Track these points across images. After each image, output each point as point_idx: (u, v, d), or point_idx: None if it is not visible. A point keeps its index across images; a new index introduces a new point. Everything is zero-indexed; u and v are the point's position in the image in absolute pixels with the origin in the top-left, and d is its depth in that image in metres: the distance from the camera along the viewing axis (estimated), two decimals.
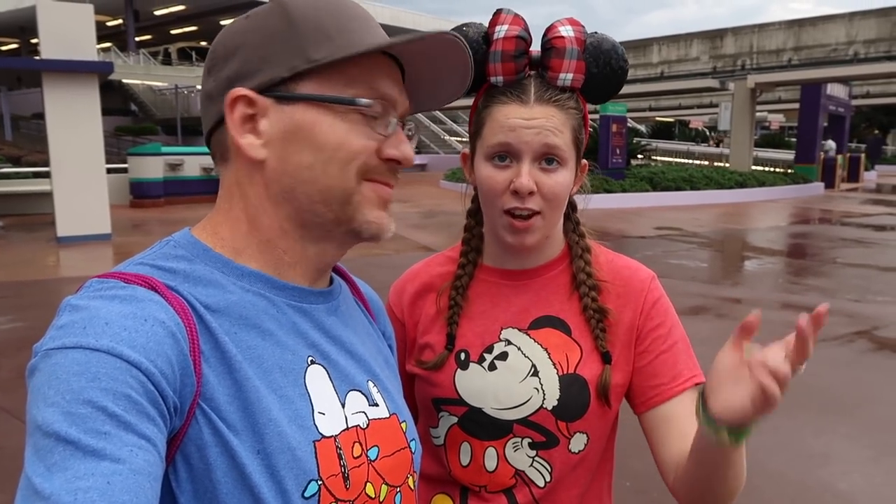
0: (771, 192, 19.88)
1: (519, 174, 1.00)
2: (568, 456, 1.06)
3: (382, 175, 0.76)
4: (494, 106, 1.02)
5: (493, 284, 1.13)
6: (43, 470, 0.53)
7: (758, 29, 24.18)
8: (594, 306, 1.07)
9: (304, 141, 0.73)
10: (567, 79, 1.01)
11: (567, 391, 1.04)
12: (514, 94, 1.01)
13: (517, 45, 1.00)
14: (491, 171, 1.03)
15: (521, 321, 1.09)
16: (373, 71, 0.74)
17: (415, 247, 10.18)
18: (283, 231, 0.75)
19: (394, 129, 0.76)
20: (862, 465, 3.69)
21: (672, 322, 1.09)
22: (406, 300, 1.17)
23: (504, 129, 1.00)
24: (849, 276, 8.95)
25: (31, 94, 27.91)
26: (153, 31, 43.90)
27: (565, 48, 1.00)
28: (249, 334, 0.71)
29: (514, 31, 1.00)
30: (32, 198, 14.19)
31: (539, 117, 1.00)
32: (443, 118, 35.21)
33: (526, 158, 1.00)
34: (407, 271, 1.20)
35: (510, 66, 1.00)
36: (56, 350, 0.59)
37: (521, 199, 1.00)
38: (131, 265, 0.70)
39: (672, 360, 1.06)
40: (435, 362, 1.09)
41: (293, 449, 0.68)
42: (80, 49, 10.43)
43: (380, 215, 0.77)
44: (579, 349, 1.07)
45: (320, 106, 0.72)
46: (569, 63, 1.00)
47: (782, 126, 40.70)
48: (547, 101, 1.01)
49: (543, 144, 1.00)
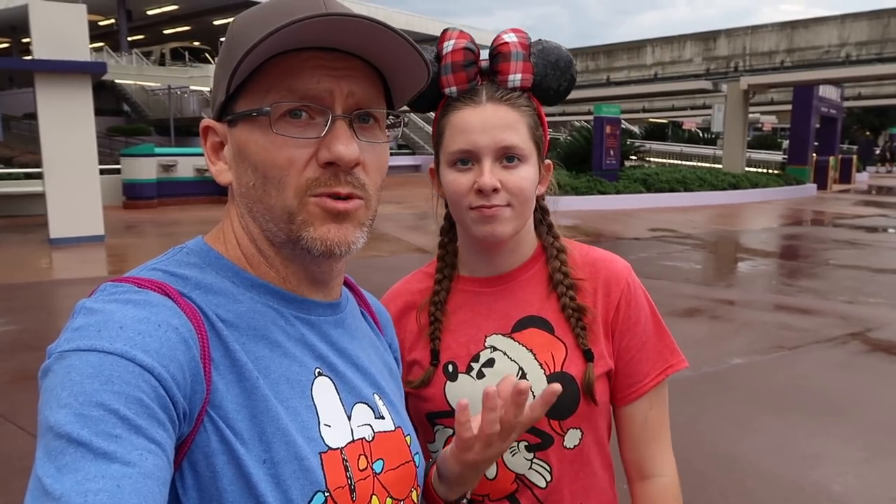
0: (764, 194, 19.97)
1: (481, 173, 1.03)
2: (564, 452, 1.07)
3: (325, 186, 0.70)
4: (451, 113, 1.07)
5: (471, 294, 1.14)
6: (53, 471, 0.53)
7: (751, 31, 24.29)
8: (573, 305, 1.09)
9: (244, 162, 0.72)
10: (516, 79, 1.05)
11: None
12: (468, 98, 1.06)
13: (465, 56, 1.05)
14: (455, 176, 1.06)
15: (504, 325, 1.11)
16: (293, 69, 0.69)
17: (409, 248, 10.18)
18: (264, 247, 0.75)
19: (328, 129, 0.70)
20: (855, 467, 3.71)
21: (645, 317, 1.12)
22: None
23: (461, 133, 1.04)
24: (841, 277, 8.99)
25: (23, 94, 27.72)
26: (146, 31, 43.73)
27: (510, 52, 1.06)
28: (258, 345, 0.71)
29: (461, 43, 1.06)
30: (24, 199, 14.11)
31: (493, 116, 1.04)
32: None
33: (486, 158, 1.03)
34: (388, 292, 1.21)
35: (461, 75, 1.05)
36: (70, 352, 0.59)
37: (487, 196, 1.02)
38: (145, 270, 0.71)
39: (639, 361, 1.11)
40: (421, 380, 1.10)
41: (300, 459, 0.68)
42: (73, 49, 10.38)
43: (328, 230, 0.71)
44: (564, 346, 1.08)
45: (251, 122, 0.71)
46: (516, 64, 1.05)
47: (775, 127, 40.91)
48: (499, 100, 1.05)
49: (501, 141, 1.03)
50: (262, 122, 0.70)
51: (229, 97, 0.72)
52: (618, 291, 1.11)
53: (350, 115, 0.71)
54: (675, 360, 1.13)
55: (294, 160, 0.69)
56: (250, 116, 0.70)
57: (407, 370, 1.14)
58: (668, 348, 1.12)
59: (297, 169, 0.69)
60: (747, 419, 4.26)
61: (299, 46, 0.69)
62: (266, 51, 0.67)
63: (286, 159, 0.69)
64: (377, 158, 0.75)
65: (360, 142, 0.72)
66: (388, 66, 0.74)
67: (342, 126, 0.70)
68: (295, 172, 0.69)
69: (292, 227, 0.71)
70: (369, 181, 0.74)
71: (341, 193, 0.71)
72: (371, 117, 0.74)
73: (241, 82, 0.70)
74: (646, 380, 1.10)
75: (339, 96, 0.70)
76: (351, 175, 0.71)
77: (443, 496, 0.91)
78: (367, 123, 0.74)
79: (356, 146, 0.70)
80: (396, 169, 27.32)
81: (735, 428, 4.16)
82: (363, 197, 0.73)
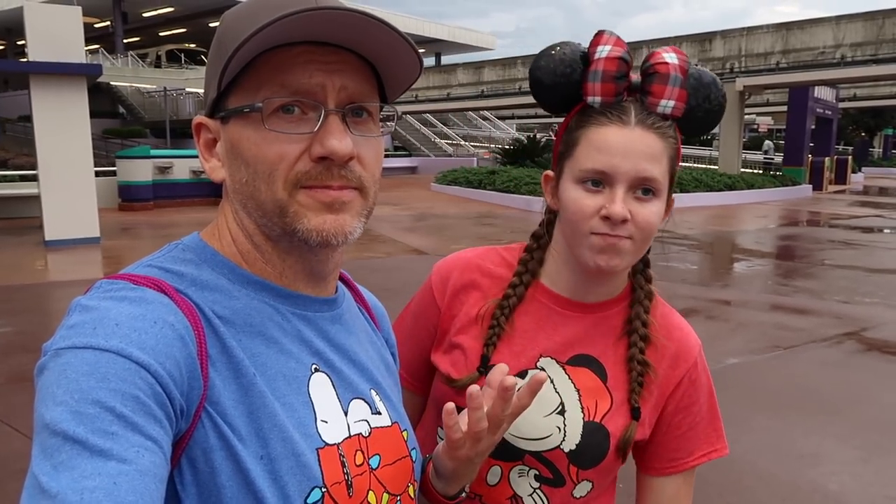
0: (760, 195, 20.00)
1: (613, 200, 0.94)
2: (570, 500, 1.04)
3: (317, 179, 0.69)
4: (591, 126, 0.97)
5: (543, 306, 1.07)
6: (49, 468, 0.53)
7: (746, 32, 24.36)
8: (639, 358, 1.03)
9: (237, 158, 0.72)
10: (668, 106, 0.96)
11: (588, 438, 1.02)
12: (615, 115, 0.96)
13: (619, 67, 0.95)
14: (581, 195, 0.97)
15: (562, 353, 1.05)
16: (284, 64, 0.69)
17: (406, 249, 10.18)
18: (260, 242, 0.75)
19: (321, 124, 0.69)
20: (852, 466, 3.72)
21: (704, 399, 1.07)
22: (450, 289, 1.11)
23: (601, 153, 0.95)
24: (837, 277, 9.02)
25: (18, 96, 27.69)
26: (141, 33, 43.70)
27: (669, 74, 0.95)
28: (254, 341, 0.70)
29: (617, 52, 0.96)
30: (20, 201, 14.06)
31: (639, 142, 0.94)
32: (433, 121, 35.21)
33: (621, 185, 0.94)
34: (458, 256, 1.14)
35: (610, 86, 0.96)
36: (66, 349, 0.59)
37: (613, 226, 0.94)
38: (140, 267, 0.70)
39: (687, 439, 1.07)
40: (464, 382, 1.04)
41: (297, 455, 0.68)
42: (69, 51, 10.35)
43: (324, 220, 0.70)
44: (610, 399, 1.03)
45: (243, 119, 0.70)
46: (671, 90, 0.95)
47: (770, 128, 41.00)
48: (649, 126, 0.95)
49: (642, 171, 0.94)
50: (254, 118, 0.69)
51: (221, 94, 0.72)
52: (685, 368, 1.05)
53: (343, 110, 0.70)
54: (720, 445, 1.09)
55: (285, 155, 0.69)
56: (242, 113, 0.70)
57: (447, 348, 1.09)
58: (716, 433, 1.09)
59: (287, 163, 0.69)
60: (744, 418, 4.27)
61: (290, 41, 0.68)
62: (257, 46, 0.66)
63: (277, 154, 0.69)
64: (372, 151, 0.74)
65: (354, 136, 0.71)
66: (380, 60, 0.73)
67: (335, 120, 0.70)
68: (285, 166, 0.69)
69: (286, 221, 0.70)
70: (366, 173, 0.73)
71: (333, 186, 0.70)
72: (364, 111, 0.73)
73: (233, 78, 0.70)
74: (689, 458, 1.07)
75: (332, 91, 0.70)
76: (345, 169, 0.70)
77: (441, 492, 0.91)
78: (361, 117, 0.73)
79: (349, 140, 0.70)
80: (393, 170, 27.28)
81: (732, 427, 4.14)
82: (358, 188, 0.72)
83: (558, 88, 1.00)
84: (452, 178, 18.94)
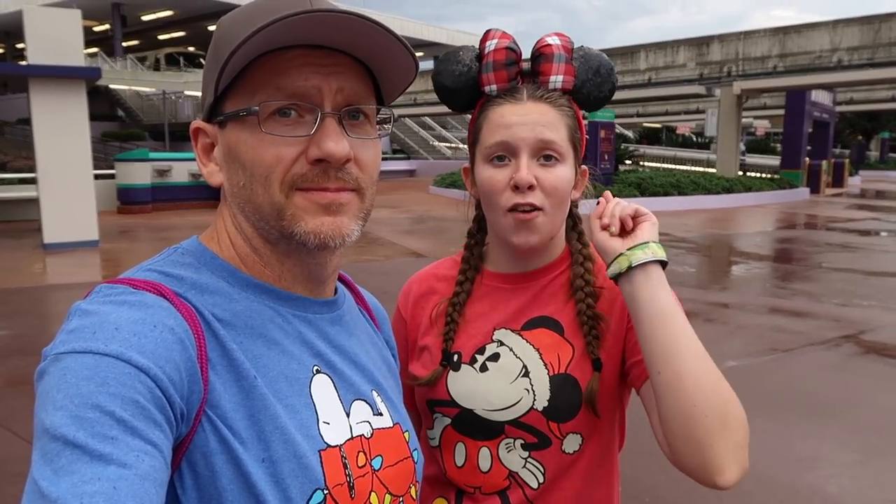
0: (758, 198, 20.04)
1: (518, 168, 1.02)
2: (561, 457, 1.06)
3: (314, 181, 0.70)
4: (489, 109, 1.06)
5: (492, 288, 1.14)
6: (49, 473, 0.53)
7: (743, 36, 24.39)
8: (589, 312, 1.07)
9: (234, 162, 0.72)
10: (557, 81, 1.05)
11: (558, 392, 1.05)
12: (508, 95, 1.06)
13: (507, 55, 1.05)
14: (491, 172, 1.05)
15: (515, 322, 1.10)
16: (280, 68, 0.69)
17: (404, 252, 10.18)
18: (259, 245, 0.75)
19: (317, 126, 0.69)
20: (850, 468, 3.72)
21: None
22: (411, 300, 1.20)
23: (500, 128, 1.04)
24: (835, 280, 9.03)
25: (18, 99, 27.66)
26: (140, 37, 43.72)
27: (553, 53, 1.06)
28: (255, 343, 0.71)
29: (504, 43, 1.06)
30: (18, 204, 14.05)
31: (534, 111, 1.03)
32: (431, 124, 35.25)
33: (524, 153, 1.02)
34: (417, 273, 1.23)
35: (502, 73, 1.05)
36: (66, 354, 0.59)
37: (522, 193, 1.02)
38: (140, 271, 0.71)
39: None
40: (428, 379, 1.10)
41: (299, 457, 0.68)
42: (68, 54, 10.36)
43: (321, 222, 0.70)
44: (571, 348, 1.07)
45: (240, 123, 0.70)
46: (558, 66, 1.05)
47: (768, 132, 41.09)
48: (539, 98, 1.05)
49: (539, 138, 1.02)
50: (250, 121, 0.69)
51: (218, 98, 0.72)
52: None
53: (339, 112, 0.71)
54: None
55: (282, 158, 0.69)
56: (239, 116, 0.70)
57: (417, 354, 1.15)
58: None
59: (284, 166, 0.69)
60: None
61: (286, 44, 0.68)
62: (253, 50, 0.66)
63: (274, 157, 0.69)
64: (369, 153, 0.74)
65: (351, 138, 0.71)
66: (376, 62, 0.73)
67: (332, 123, 0.70)
68: (281, 169, 0.69)
69: (283, 224, 0.71)
70: (363, 175, 0.73)
71: (330, 189, 0.71)
72: (361, 113, 0.73)
73: (230, 83, 0.70)
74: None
75: (328, 93, 0.70)
76: (342, 171, 0.71)
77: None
78: (357, 120, 0.73)
79: (346, 142, 0.70)
80: (391, 173, 27.30)
81: None
82: (355, 190, 0.73)
83: (460, 87, 1.09)
84: (451, 181, 18.95)
